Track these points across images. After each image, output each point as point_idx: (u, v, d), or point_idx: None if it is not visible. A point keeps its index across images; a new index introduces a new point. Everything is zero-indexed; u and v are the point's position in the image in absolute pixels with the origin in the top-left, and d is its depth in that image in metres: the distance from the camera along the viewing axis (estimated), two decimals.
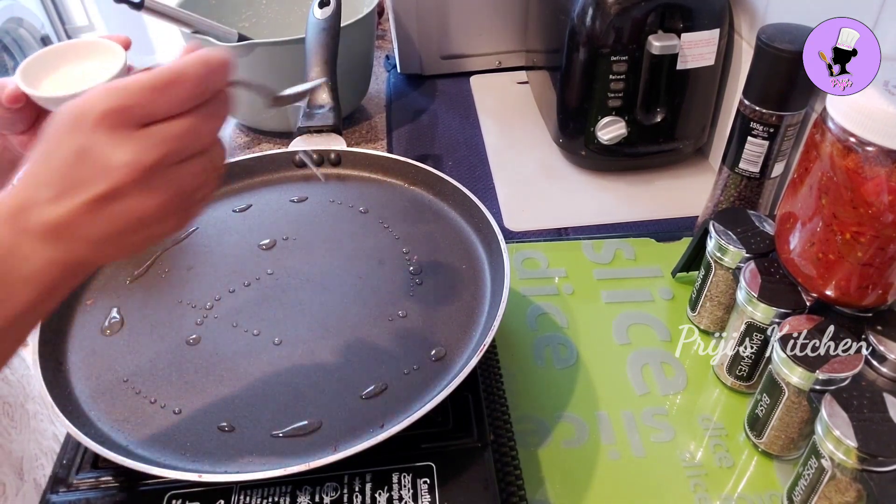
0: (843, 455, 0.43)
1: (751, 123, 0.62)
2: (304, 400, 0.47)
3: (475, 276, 0.56)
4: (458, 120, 0.97)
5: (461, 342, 0.50)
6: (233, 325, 0.52)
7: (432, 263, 0.57)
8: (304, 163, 0.67)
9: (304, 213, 0.63)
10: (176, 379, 0.48)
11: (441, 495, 0.43)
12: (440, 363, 0.49)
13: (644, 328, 0.64)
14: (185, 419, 0.46)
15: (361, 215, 0.62)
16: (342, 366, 0.49)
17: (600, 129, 0.78)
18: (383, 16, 1.18)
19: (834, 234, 0.47)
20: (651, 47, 0.71)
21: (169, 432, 0.45)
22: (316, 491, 0.43)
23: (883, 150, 0.42)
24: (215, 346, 0.50)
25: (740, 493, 0.51)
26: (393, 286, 0.55)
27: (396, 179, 0.66)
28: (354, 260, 0.58)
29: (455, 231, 0.60)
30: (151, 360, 0.50)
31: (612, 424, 0.56)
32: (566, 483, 0.52)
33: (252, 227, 0.61)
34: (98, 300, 0.54)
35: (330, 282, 0.56)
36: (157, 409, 0.46)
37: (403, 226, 0.61)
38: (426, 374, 0.48)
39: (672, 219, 0.78)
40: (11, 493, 0.59)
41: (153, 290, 0.55)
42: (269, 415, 0.46)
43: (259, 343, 0.51)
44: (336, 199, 0.64)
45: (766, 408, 0.51)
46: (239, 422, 0.45)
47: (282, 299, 0.54)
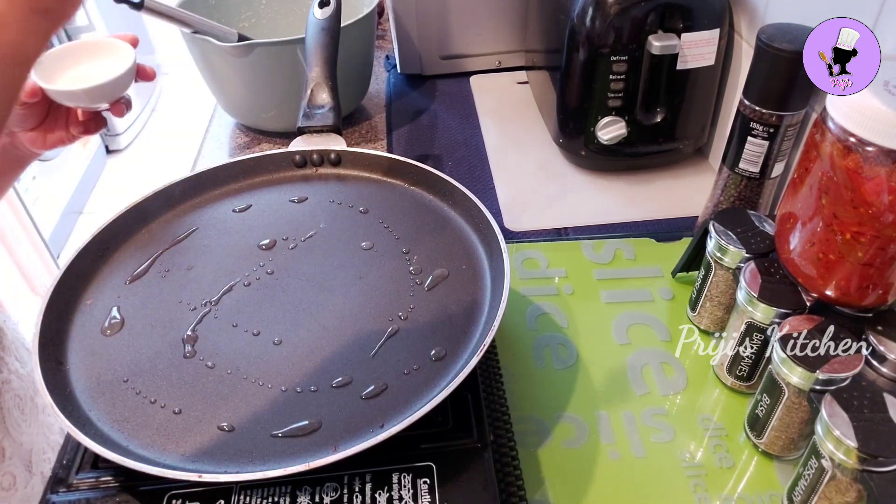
0: (844, 455, 0.43)
1: (751, 123, 0.62)
2: (304, 400, 0.47)
3: (475, 276, 0.56)
4: (458, 120, 0.97)
5: (461, 342, 0.50)
6: (233, 325, 0.52)
7: (432, 263, 0.57)
8: (305, 162, 0.67)
9: (304, 212, 0.63)
10: (176, 379, 0.48)
11: (441, 495, 0.43)
12: (440, 363, 0.49)
13: (644, 328, 0.64)
14: (185, 419, 0.46)
15: (361, 215, 0.63)
16: (342, 366, 0.49)
17: (600, 129, 0.78)
18: (383, 16, 1.18)
19: (834, 234, 0.47)
20: (651, 47, 0.71)
21: (169, 432, 0.45)
22: (316, 491, 0.43)
23: (883, 150, 0.42)
24: (215, 346, 0.50)
25: (740, 493, 0.51)
26: (393, 286, 0.55)
27: (396, 180, 0.66)
28: (354, 260, 0.58)
29: (455, 231, 0.60)
30: (151, 360, 0.50)
31: (612, 424, 0.56)
32: (566, 483, 0.52)
33: (252, 227, 0.61)
34: (98, 300, 0.54)
35: (330, 282, 0.56)
36: (157, 408, 0.46)
37: (403, 226, 0.61)
38: (426, 375, 0.48)
39: (672, 219, 0.78)
40: (21, 486, 0.59)
41: (153, 289, 0.55)
42: (269, 415, 0.46)
43: (259, 343, 0.51)
44: (336, 199, 0.64)
45: (766, 408, 0.51)
46: (239, 422, 0.46)
47: (282, 299, 0.54)
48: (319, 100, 0.69)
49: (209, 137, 0.97)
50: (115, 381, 0.48)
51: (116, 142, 2.57)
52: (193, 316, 0.53)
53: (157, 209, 0.62)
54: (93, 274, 0.56)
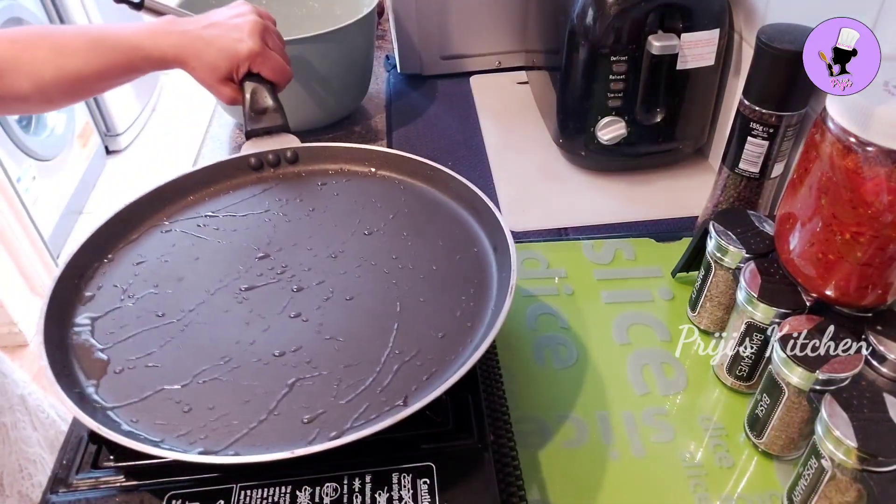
0: (843, 455, 0.43)
1: (751, 123, 0.62)
2: (305, 393, 0.47)
3: (480, 272, 0.55)
4: (458, 120, 0.97)
5: (463, 340, 0.50)
6: (245, 324, 0.52)
7: (434, 260, 0.57)
8: (261, 165, 0.67)
9: (299, 214, 0.63)
10: (182, 372, 0.48)
11: (441, 496, 0.43)
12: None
13: (644, 328, 0.64)
14: (190, 411, 0.46)
15: (360, 212, 0.62)
16: (345, 365, 0.49)
17: (600, 129, 0.78)
18: (383, 16, 1.18)
19: (834, 234, 0.47)
20: (651, 47, 0.72)
21: (175, 421, 0.45)
22: (316, 491, 0.43)
23: (883, 150, 0.42)
24: (221, 332, 0.51)
25: (740, 493, 0.51)
26: (395, 285, 0.55)
27: (361, 167, 0.67)
28: (358, 259, 0.57)
29: (460, 228, 0.60)
30: (158, 351, 0.50)
31: (613, 424, 0.56)
32: (566, 483, 0.52)
33: (242, 235, 0.61)
34: (104, 285, 0.54)
35: (334, 282, 0.55)
36: (164, 398, 0.46)
37: (405, 222, 0.61)
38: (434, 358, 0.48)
39: (672, 219, 0.78)
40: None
41: (155, 276, 0.55)
42: (272, 406, 0.46)
43: (264, 340, 0.51)
44: (333, 196, 0.64)
45: (766, 408, 0.51)
46: (241, 414, 0.45)
47: (284, 299, 0.54)
48: (261, 103, 0.69)
49: (209, 137, 0.97)
50: (122, 371, 0.48)
51: (116, 142, 2.57)
52: (203, 304, 0.53)
53: (120, 231, 0.60)
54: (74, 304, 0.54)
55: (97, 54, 0.62)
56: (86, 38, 0.62)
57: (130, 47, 0.63)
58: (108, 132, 2.55)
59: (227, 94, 0.68)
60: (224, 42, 0.65)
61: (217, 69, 0.66)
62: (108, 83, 0.65)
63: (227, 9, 0.68)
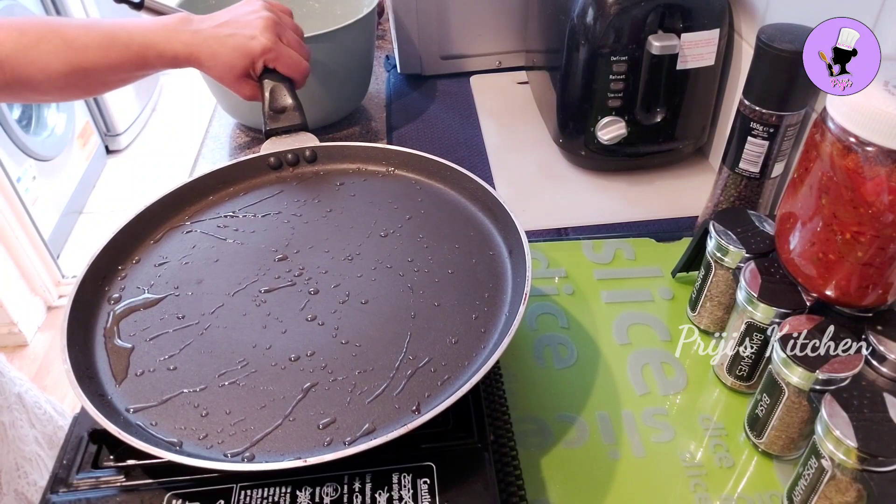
0: (843, 455, 0.43)
1: (751, 123, 0.62)
2: (320, 399, 0.46)
3: (495, 277, 0.55)
4: (458, 120, 0.97)
5: (476, 346, 0.50)
6: (263, 327, 0.52)
7: (450, 264, 0.56)
8: (280, 164, 0.67)
9: (316, 216, 0.62)
10: (201, 376, 0.48)
11: (441, 496, 0.43)
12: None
13: (644, 328, 0.64)
14: (208, 415, 0.46)
15: (376, 213, 0.62)
16: (360, 371, 0.48)
17: (600, 129, 0.78)
18: (383, 16, 1.18)
19: (834, 233, 0.47)
20: (651, 47, 0.72)
21: (189, 424, 0.45)
22: (316, 491, 0.43)
23: (883, 150, 0.42)
24: (239, 335, 0.51)
25: (740, 493, 0.51)
26: (410, 289, 0.54)
27: (378, 167, 0.67)
28: (374, 262, 0.57)
29: (476, 230, 0.59)
30: (178, 354, 0.50)
31: (613, 424, 0.56)
32: (566, 483, 0.52)
33: (253, 235, 0.60)
34: (128, 286, 0.54)
35: (350, 285, 0.55)
36: (183, 402, 0.46)
37: (421, 224, 0.60)
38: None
39: (672, 219, 0.78)
40: None
41: (176, 279, 0.55)
42: (287, 411, 0.46)
43: (281, 344, 0.50)
44: (350, 197, 0.64)
45: (766, 408, 0.51)
46: (257, 420, 0.45)
47: (301, 302, 0.53)
48: (281, 102, 0.69)
49: (209, 137, 0.97)
50: (139, 375, 0.48)
51: (116, 142, 2.57)
52: (222, 307, 0.53)
53: (142, 232, 0.60)
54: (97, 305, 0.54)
55: (110, 50, 0.62)
56: (97, 33, 0.62)
57: (144, 44, 0.63)
58: (108, 132, 2.55)
59: (246, 92, 0.69)
60: (237, 40, 0.65)
61: (233, 68, 0.66)
62: (120, 78, 0.65)
63: (239, 6, 0.68)
